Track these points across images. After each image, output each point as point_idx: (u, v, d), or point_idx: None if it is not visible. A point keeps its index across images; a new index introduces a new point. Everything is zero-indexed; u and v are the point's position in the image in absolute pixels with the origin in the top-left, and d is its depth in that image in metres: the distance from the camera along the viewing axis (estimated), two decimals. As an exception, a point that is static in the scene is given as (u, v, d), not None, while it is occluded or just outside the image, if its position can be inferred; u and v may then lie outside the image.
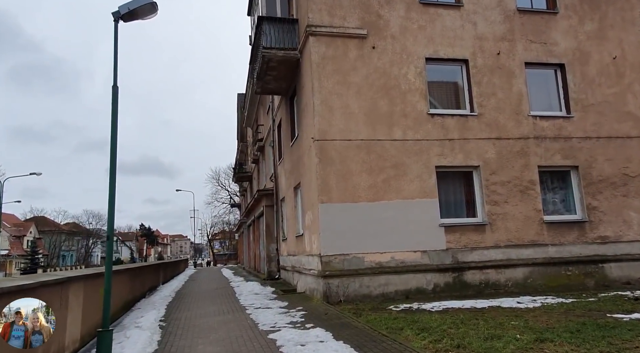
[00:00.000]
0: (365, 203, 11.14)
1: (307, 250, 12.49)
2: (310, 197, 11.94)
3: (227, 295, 13.68)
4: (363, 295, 10.67)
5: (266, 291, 13.75)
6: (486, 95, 12.21)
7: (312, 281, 11.68)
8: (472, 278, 11.29)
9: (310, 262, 11.91)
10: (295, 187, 14.40)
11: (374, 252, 10.96)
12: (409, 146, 11.59)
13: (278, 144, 18.28)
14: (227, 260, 63.53)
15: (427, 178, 11.54)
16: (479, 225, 11.61)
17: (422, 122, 11.77)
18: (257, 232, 23.45)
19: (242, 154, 37.69)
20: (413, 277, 11.01)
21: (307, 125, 12.14)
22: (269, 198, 18.98)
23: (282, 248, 17.67)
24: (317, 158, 11.11)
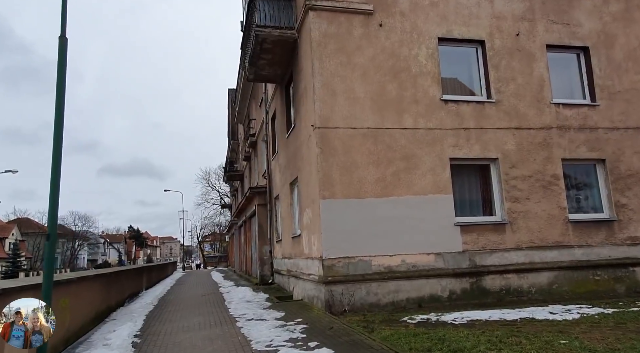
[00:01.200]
0: (372, 200, 9.85)
1: (305, 252, 11.16)
2: (309, 193, 10.63)
3: (216, 303, 12.29)
4: (370, 304, 9.37)
5: (259, 298, 12.39)
6: (504, 80, 11.00)
7: (312, 287, 10.35)
8: (492, 284, 10.04)
9: (310, 266, 10.58)
10: (291, 182, 13.07)
11: (383, 254, 9.67)
12: (420, 136, 10.33)
13: (272, 137, 16.93)
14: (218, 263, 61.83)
15: (440, 171, 10.29)
16: (498, 225, 10.37)
17: (435, 108, 10.52)
18: (248, 233, 22.05)
19: (233, 152, 36.25)
20: (426, 282, 9.74)
21: (306, 112, 10.83)
22: (261, 196, 17.62)
23: (276, 250, 16.31)
24: (318, 148, 9.80)
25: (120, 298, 12.48)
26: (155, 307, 12.33)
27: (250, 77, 13.98)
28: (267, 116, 17.52)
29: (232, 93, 31.14)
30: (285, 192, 14.05)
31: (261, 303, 11.23)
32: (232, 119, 35.27)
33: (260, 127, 20.06)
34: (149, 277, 19.97)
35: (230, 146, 36.94)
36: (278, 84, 14.65)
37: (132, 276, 15.13)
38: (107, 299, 10.54)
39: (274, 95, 15.67)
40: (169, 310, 11.47)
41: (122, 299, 12.64)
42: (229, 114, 34.80)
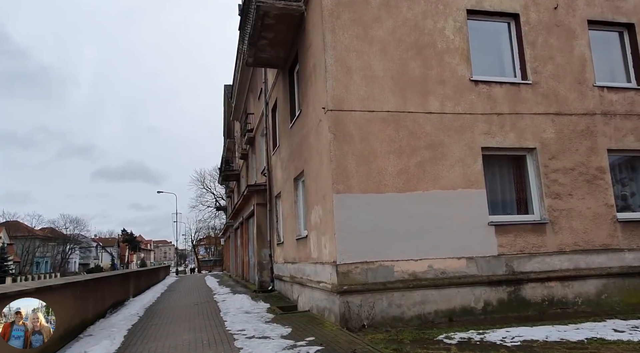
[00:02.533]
0: (394, 194, 8.41)
1: (313, 256, 9.70)
2: (319, 187, 9.18)
3: (210, 315, 10.78)
4: (393, 318, 7.91)
5: (259, 308, 10.90)
6: (542, 59, 9.62)
7: (323, 297, 8.88)
8: (532, 293, 8.62)
9: (319, 273, 9.11)
10: (295, 177, 11.61)
11: (406, 258, 8.23)
12: (448, 121, 8.92)
13: (272, 130, 15.47)
14: (212, 267, 60.03)
15: (471, 162, 8.88)
16: (537, 225, 8.96)
17: (464, 90, 9.12)
18: (245, 236, 20.54)
19: (228, 152, 34.72)
20: (457, 292, 8.30)
21: (314, 94, 9.39)
22: (260, 195, 16.13)
23: (276, 254, 14.82)
24: (330, 134, 8.36)
25: (101, 308, 10.96)
26: (141, 318, 10.81)
27: (250, 60, 12.53)
28: (266, 108, 16.06)
29: (228, 89, 29.65)
30: (288, 188, 12.59)
31: (262, 315, 9.74)
32: (228, 116, 33.77)
33: (258, 120, 18.60)
34: (137, 283, 18.40)
35: (226, 145, 35.42)
36: (280, 69, 13.21)
37: (117, 283, 13.58)
38: (83, 311, 9.02)
39: (275, 83, 14.23)
40: (155, 323, 9.95)
41: (102, 310, 11.11)
42: (225, 111, 33.29)
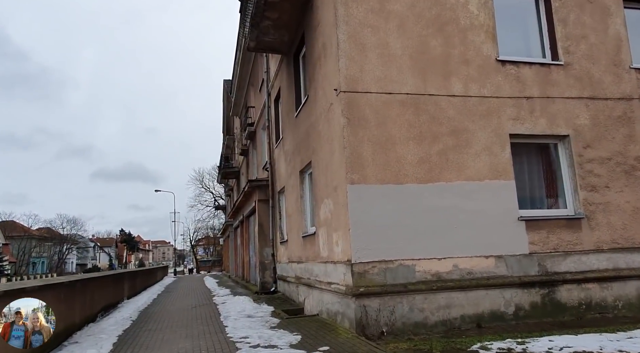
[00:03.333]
0: (414, 186, 7.54)
1: (322, 255, 8.82)
2: (329, 179, 8.30)
3: (209, 319, 9.89)
4: (415, 324, 7.04)
5: (262, 312, 10.01)
6: (574, 38, 8.76)
7: (335, 301, 7.99)
8: (568, 296, 7.75)
9: (330, 273, 8.23)
10: (301, 170, 10.73)
11: (429, 257, 7.36)
12: (472, 105, 8.05)
13: (275, 122, 14.59)
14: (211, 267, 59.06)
15: (498, 151, 8.01)
16: (571, 220, 8.10)
17: (490, 71, 8.25)
18: (246, 235, 19.64)
19: (228, 149, 33.84)
20: (485, 294, 7.42)
21: (324, 76, 8.52)
22: (262, 190, 15.25)
23: (279, 253, 13.94)
24: (344, 118, 7.48)
25: (90, 312, 10.06)
26: (134, 323, 9.92)
27: (252, 44, 11.65)
28: (268, 99, 15.18)
29: (228, 84, 28.77)
30: (292, 183, 11.71)
31: (266, 320, 8.85)
32: (227, 112, 32.90)
33: (260, 113, 17.71)
34: (133, 284, 17.49)
35: (225, 142, 34.53)
36: (284, 55, 12.33)
37: (109, 284, 12.68)
38: (67, 316, 8.12)
39: (278, 71, 13.35)
40: (149, 328, 9.06)
41: (92, 313, 10.21)
42: (224, 107, 32.41)
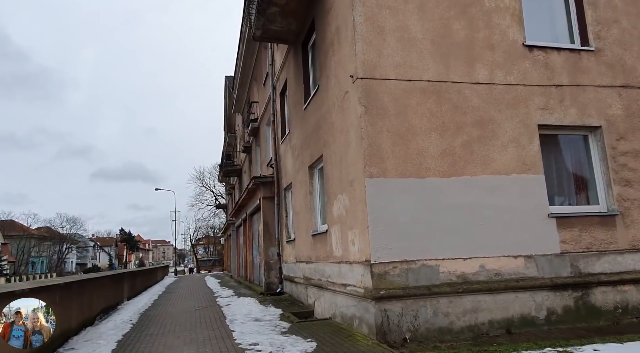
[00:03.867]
0: (437, 180, 6.98)
1: (336, 254, 8.25)
2: (344, 173, 7.73)
3: (214, 323, 9.32)
4: (440, 330, 6.47)
5: (270, 315, 9.44)
6: (605, 22, 8.19)
7: (351, 304, 7.42)
8: (603, 299, 7.19)
9: (345, 274, 7.66)
10: (311, 165, 10.16)
11: (453, 257, 6.79)
12: (498, 93, 7.48)
13: (281, 116, 14.01)
14: (212, 267, 58.47)
15: (526, 143, 7.44)
16: (605, 217, 7.53)
17: (517, 57, 7.68)
18: (249, 233, 19.08)
19: (229, 147, 33.29)
20: (514, 298, 6.86)
21: (339, 63, 7.94)
22: (267, 187, 14.67)
23: (286, 252, 13.37)
24: (361, 107, 6.91)
25: (88, 315, 9.50)
26: (134, 327, 9.35)
27: (257, 33, 11.07)
28: (274, 92, 14.61)
29: (229, 80, 28.18)
30: (301, 178, 11.14)
31: (276, 324, 8.29)
32: (228, 109, 32.30)
33: (264, 108, 17.13)
34: (133, 284, 16.92)
35: (227, 140, 33.98)
36: (291, 45, 11.76)
37: (108, 285, 12.11)
38: (63, 320, 7.54)
39: (285, 63, 12.77)
40: (150, 333, 8.50)
41: (90, 316, 9.65)
42: (225, 103, 31.81)
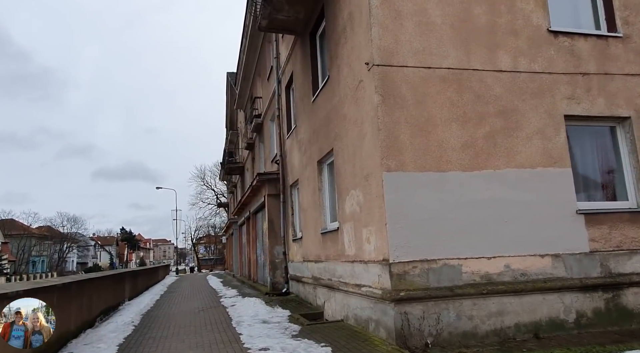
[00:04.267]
0: (458, 174, 6.55)
1: (348, 253, 7.82)
2: (358, 167, 7.29)
3: (220, 325, 8.90)
4: (464, 334, 6.05)
5: (278, 316, 9.02)
6: (633, 6, 7.75)
7: (366, 306, 6.99)
8: (635, 301, 6.75)
9: (359, 274, 7.23)
10: (320, 160, 9.73)
11: (477, 256, 6.37)
12: (522, 82, 7.04)
13: (287, 110, 13.58)
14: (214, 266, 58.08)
15: (552, 134, 7.01)
16: (635, 213, 7.10)
17: (541, 44, 7.24)
18: (253, 232, 18.67)
19: (231, 144, 32.86)
20: (542, 300, 6.43)
21: (352, 50, 7.50)
22: (272, 184, 14.25)
23: (292, 251, 12.95)
24: (377, 95, 6.47)
25: (88, 317, 9.09)
26: (136, 328, 8.93)
27: (263, 23, 10.64)
28: (279, 86, 14.17)
29: (232, 76, 27.74)
30: (308, 174, 10.71)
31: (285, 326, 7.87)
32: (230, 106, 31.88)
33: (268, 103, 16.70)
34: (134, 284, 16.51)
35: (229, 137, 33.56)
36: (298, 35, 11.31)
37: (109, 285, 11.70)
38: (61, 323, 7.12)
39: (291, 55, 12.33)
40: (153, 335, 8.08)
41: (90, 318, 9.24)
42: (227, 100, 31.39)
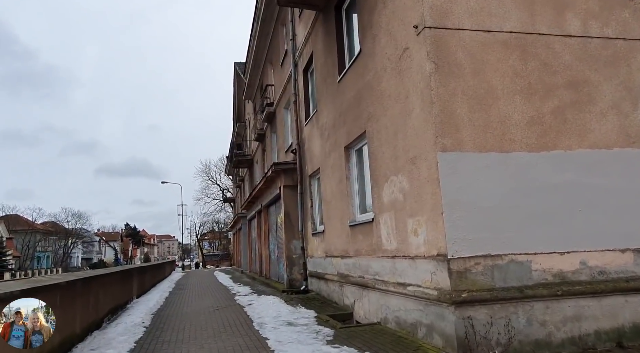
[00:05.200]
0: (524, 155, 5.61)
1: (386, 247, 6.90)
2: (400, 149, 6.35)
3: (239, 326, 8.02)
4: (536, 342, 5.13)
5: (304, 318, 8.13)
6: None
7: (412, 308, 6.06)
8: None
9: (404, 271, 6.30)
10: (348, 145, 8.80)
11: (547, 251, 5.44)
12: (594, 49, 6.08)
13: (305, 95, 12.64)
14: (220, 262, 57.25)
15: (629, 109, 6.05)
16: None
17: (614, 5, 6.27)
18: (265, 226, 17.78)
19: (238, 137, 31.95)
20: (624, 302, 5.50)
21: (394, 13, 6.55)
22: (289, 175, 13.33)
23: (311, 246, 12.05)
24: (430, 63, 5.53)
25: (95, 317, 8.24)
26: (147, 331, 8.06)
27: (283, -3, 9.69)
28: (295, 70, 13.23)
29: (240, 66, 26.78)
30: (333, 162, 9.79)
31: (315, 329, 6.97)
32: (237, 98, 30.95)
33: (282, 90, 15.76)
34: (142, 280, 15.67)
35: (236, 130, 32.65)
36: (320, 11, 10.35)
37: (116, 282, 10.84)
38: (65, 326, 6.25)
39: (310, 34, 11.38)
40: (167, 340, 7.20)
41: (97, 319, 8.39)
42: (235, 91, 30.44)
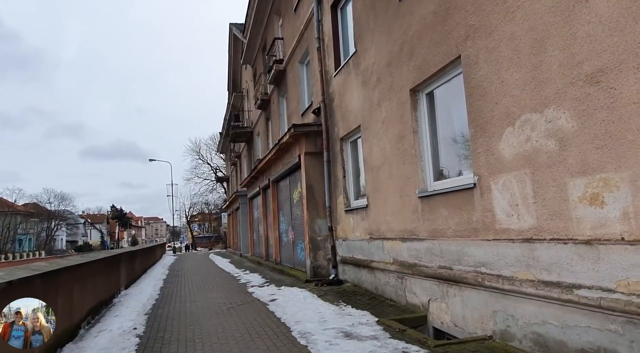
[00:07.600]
0: None
1: (507, 226, 4.54)
2: (555, 66, 3.94)
3: (274, 339, 5.69)
4: None
5: (362, 324, 5.83)
6: None
7: (584, 324, 3.73)
8: None
9: (564, 265, 3.95)
10: (417, 86, 6.36)
11: None
12: None
13: (334, 37, 10.09)
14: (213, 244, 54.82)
15: None
16: None
17: None
18: (274, 204, 15.35)
19: (234, 109, 29.23)
20: None
21: None
22: (311, 140, 10.87)
23: (344, 225, 9.71)
24: None
25: (68, 323, 5.86)
26: (141, 344, 5.69)
27: None
28: (319, 9, 10.67)
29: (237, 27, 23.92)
30: (386, 115, 7.37)
31: (395, 348, 4.67)
32: (233, 64, 28.15)
33: (295, 42, 13.18)
34: (131, 267, 13.23)
35: (231, 101, 29.91)
36: None
37: (100, 271, 8.41)
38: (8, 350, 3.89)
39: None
40: None
41: (71, 325, 6.01)
42: (230, 57, 27.58)
